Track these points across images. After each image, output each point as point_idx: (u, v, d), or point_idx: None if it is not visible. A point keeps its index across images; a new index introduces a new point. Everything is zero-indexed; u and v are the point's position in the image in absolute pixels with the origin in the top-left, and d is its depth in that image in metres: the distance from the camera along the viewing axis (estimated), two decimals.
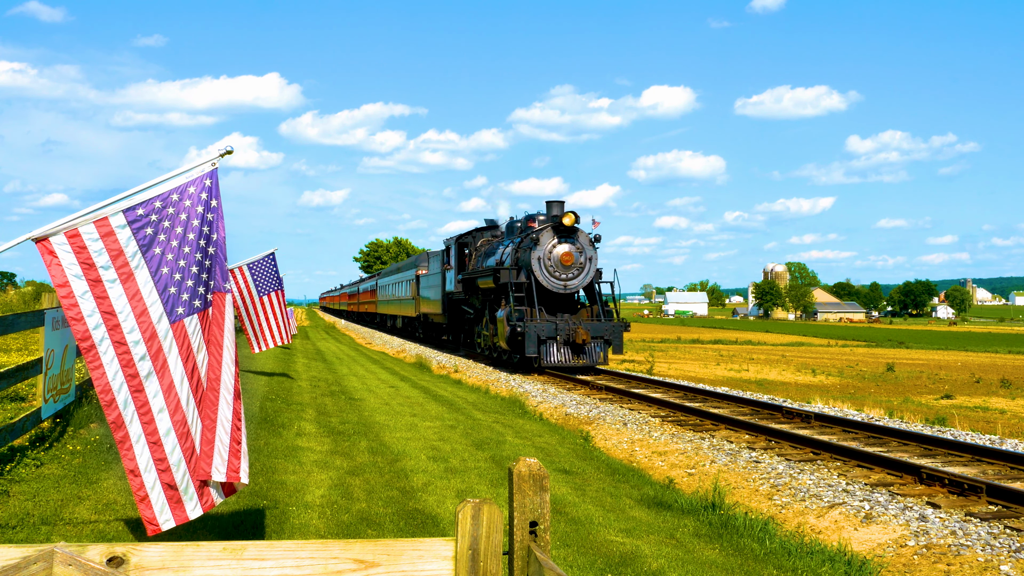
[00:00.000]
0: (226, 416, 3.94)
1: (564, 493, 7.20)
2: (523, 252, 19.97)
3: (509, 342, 19.01)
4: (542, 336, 18.33)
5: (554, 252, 19.48)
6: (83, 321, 3.56)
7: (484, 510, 2.30)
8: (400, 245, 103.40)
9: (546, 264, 19.39)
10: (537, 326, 18.35)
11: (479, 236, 26.09)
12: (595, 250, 19.91)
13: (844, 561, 5.81)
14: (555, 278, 19.52)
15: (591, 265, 19.82)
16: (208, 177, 4.00)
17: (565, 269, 19.51)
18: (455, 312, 27.13)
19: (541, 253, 19.35)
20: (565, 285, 19.65)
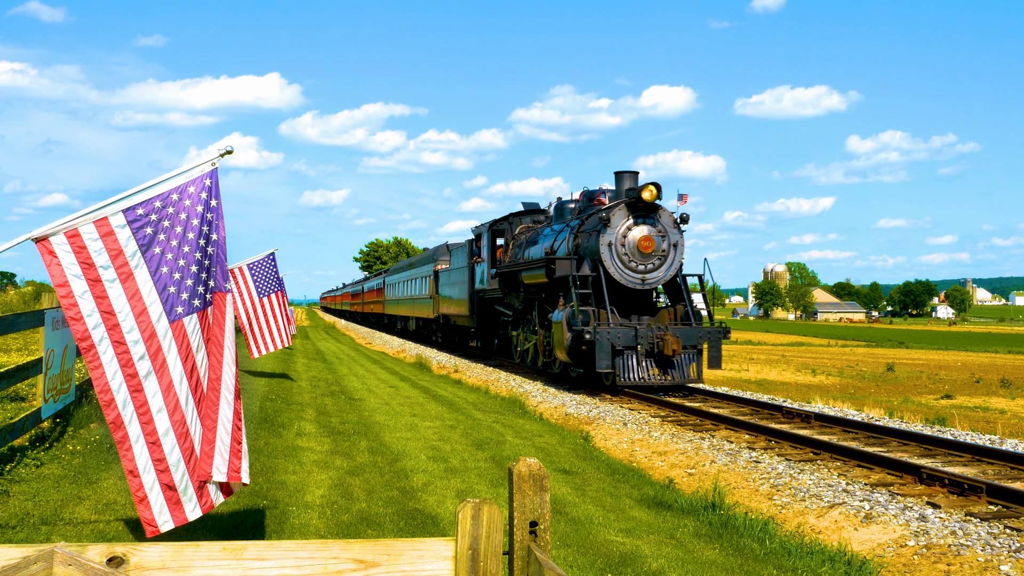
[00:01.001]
0: (227, 416, 3.94)
1: (564, 493, 7.20)
2: (586, 237, 15.76)
3: (571, 352, 14.84)
4: (617, 345, 14.00)
5: (629, 237, 15.08)
6: (82, 321, 3.56)
7: (484, 510, 2.30)
8: (400, 245, 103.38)
9: (618, 252, 15.03)
10: (611, 332, 14.01)
11: (517, 222, 21.75)
12: (681, 234, 15.45)
13: (844, 561, 5.81)
14: (630, 270, 15.14)
15: (676, 253, 15.44)
16: (208, 177, 4.00)
17: (643, 258, 15.13)
18: (487, 313, 23.07)
19: (612, 238, 14.95)
20: (643, 279, 15.24)
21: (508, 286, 20.41)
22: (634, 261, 15.20)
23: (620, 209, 15.19)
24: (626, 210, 15.22)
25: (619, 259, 15.13)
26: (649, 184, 14.79)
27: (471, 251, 23.85)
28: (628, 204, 15.22)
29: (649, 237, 15.21)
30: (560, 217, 18.65)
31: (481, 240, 22.71)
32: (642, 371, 14.19)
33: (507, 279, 20.33)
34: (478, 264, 22.97)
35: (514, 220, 21.95)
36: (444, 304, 27.89)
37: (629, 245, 15.18)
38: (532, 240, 19.30)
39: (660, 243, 15.31)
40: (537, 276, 17.23)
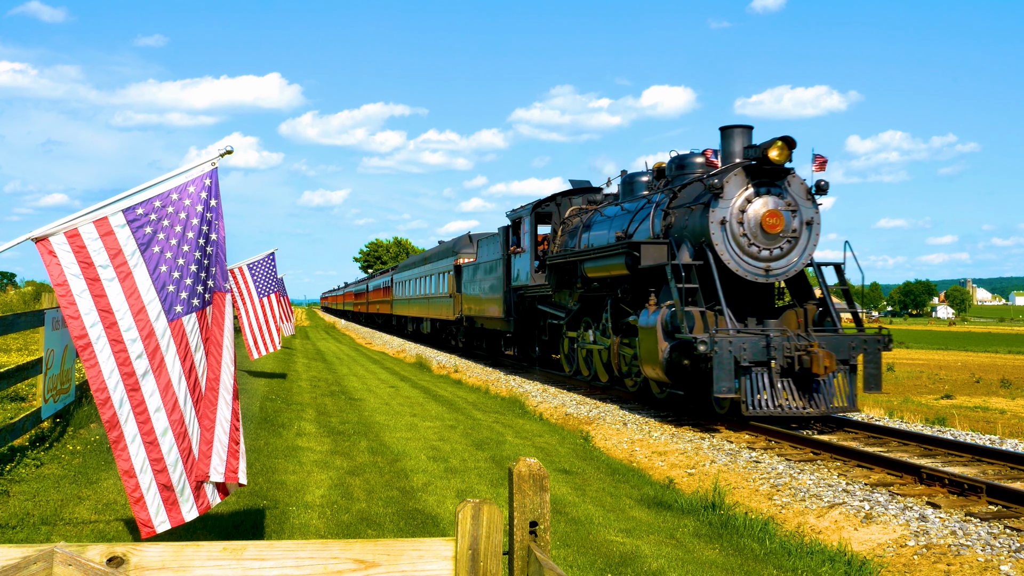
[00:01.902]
0: (225, 416, 3.94)
1: (564, 493, 7.20)
2: (683, 214, 12.12)
3: (669, 369, 11.18)
4: (743, 360, 10.17)
5: (750, 211, 11.29)
6: (80, 319, 3.55)
7: (484, 510, 2.30)
8: (400, 245, 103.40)
9: (734, 232, 11.27)
10: (735, 342, 10.20)
11: (565, 203, 17.93)
12: (816, 209, 11.68)
13: (844, 561, 5.81)
14: (750, 256, 11.34)
15: (810, 234, 11.60)
16: (208, 177, 4.00)
17: (768, 240, 11.37)
18: (527, 315, 19.21)
19: (727, 213, 11.24)
20: (767, 268, 11.44)
21: (560, 281, 16.62)
22: (755, 244, 11.35)
23: (736, 174, 11.33)
24: (744, 175, 11.35)
25: (734, 242, 11.30)
26: (779, 139, 10.90)
27: (506, 240, 19.93)
28: (747, 169, 11.34)
29: (776, 212, 11.32)
30: (630, 193, 14.99)
31: (521, 226, 18.72)
32: (778, 396, 10.26)
33: (559, 273, 16.56)
34: (517, 256, 19.05)
35: (562, 201, 17.95)
36: (468, 304, 23.92)
37: (749, 223, 11.29)
38: (589, 224, 15.68)
39: (790, 220, 11.46)
40: (610, 267, 13.50)
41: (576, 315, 16.18)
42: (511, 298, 19.71)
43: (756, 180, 11.38)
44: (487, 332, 23.90)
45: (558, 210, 17.92)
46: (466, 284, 24.30)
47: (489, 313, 21.59)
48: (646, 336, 11.63)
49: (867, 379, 10.86)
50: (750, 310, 11.82)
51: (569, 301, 16.50)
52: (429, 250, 34.91)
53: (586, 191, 18.16)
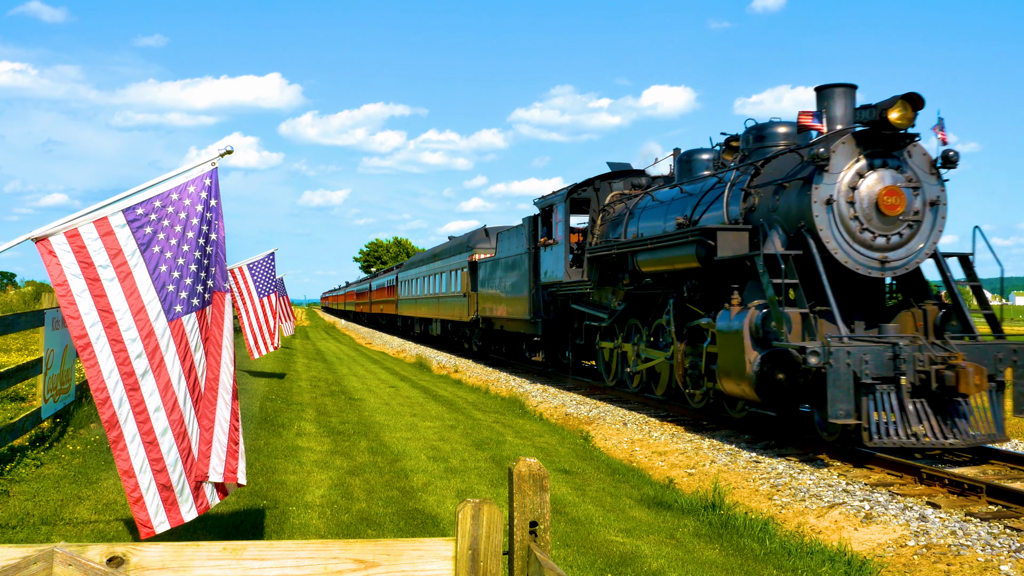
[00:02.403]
0: (224, 416, 3.94)
1: (564, 493, 7.20)
2: (773, 193, 10.02)
3: (760, 385, 9.04)
4: (864, 375, 8.08)
5: (862, 188, 9.19)
6: (80, 319, 3.56)
7: (484, 510, 2.30)
8: (400, 245, 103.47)
9: (842, 215, 9.15)
10: (854, 352, 8.13)
11: (605, 188, 15.86)
12: (942, 187, 9.55)
13: (844, 561, 5.81)
14: (861, 244, 9.25)
15: (935, 218, 9.54)
16: (208, 177, 4.00)
17: (885, 224, 9.24)
18: (559, 316, 17.05)
19: (833, 190, 9.13)
20: (883, 259, 9.32)
21: (602, 277, 14.48)
22: (869, 230, 9.19)
23: (845, 142, 9.22)
24: (853, 143, 9.22)
25: (843, 226, 9.14)
26: (901, 97, 8.81)
27: (533, 232, 17.82)
28: (857, 136, 9.23)
29: (895, 189, 9.15)
30: (688, 174, 12.97)
31: (553, 215, 16.47)
32: (910, 421, 8.13)
33: (602, 267, 14.40)
34: (547, 249, 16.83)
35: (601, 186, 15.81)
36: (486, 303, 21.56)
37: (861, 203, 9.16)
38: (637, 211, 13.69)
39: (911, 200, 9.26)
40: (674, 260, 11.36)
41: (621, 316, 13.99)
42: (539, 297, 17.44)
43: (869, 149, 9.20)
44: (508, 335, 21.59)
45: (596, 196, 15.63)
46: (483, 282, 21.97)
47: (511, 314, 19.23)
48: (728, 343, 9.46)
49: (1018, 399, 8.63)
50: (857, 311, 9.61)
51: (612, 300, 14.30)
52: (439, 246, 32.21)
53: (629, 174, 15.98)
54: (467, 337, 26.30)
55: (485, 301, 21.73)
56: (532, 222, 17.92)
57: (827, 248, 9.18)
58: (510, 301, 19.34)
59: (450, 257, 27.65)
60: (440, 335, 30.41)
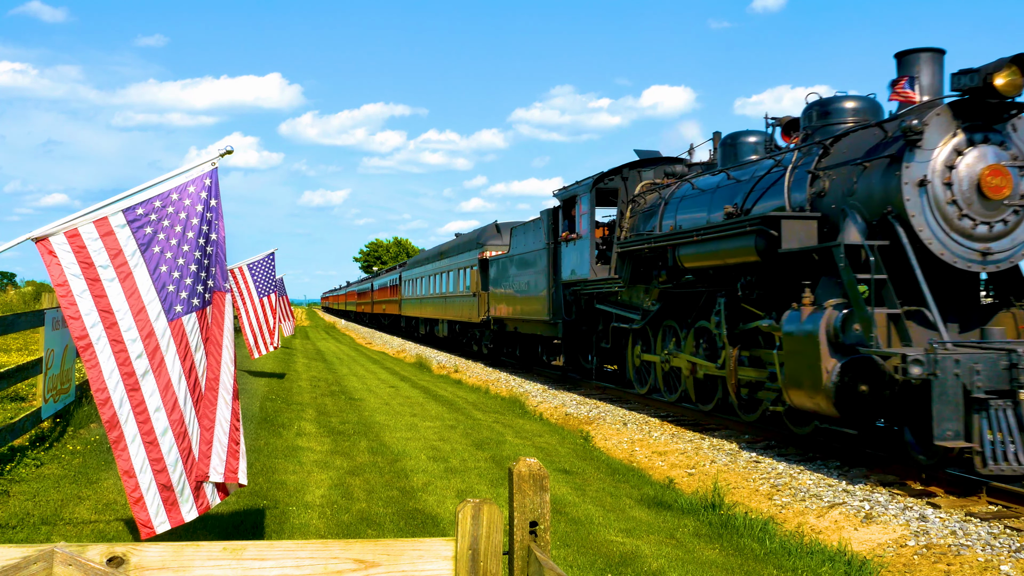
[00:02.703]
0: (224, 416, 3.94)
1: (564, 493, 7.20)
2: (849, 175, 8.75)
3: (840, 398, 7.71)
4: (974, 388, 6.90)
5: (960, 168, 8.00)
6: (80, 320, 3.56)
7: (484, 510, 2.30)
8: (400, 245, 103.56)
9: (938, 199, 7.98)
10: (963, 361, 6.94)
11: (634, 177, 14.32)
12: None
13: (844, 561, 5.81)
14: (959, 233, 8.06)
15: None
16: (208, 177, 4.00)
17: (988, 210, 8.08)
18: (582, 317, 15.50)
19: (926, 170, 7.94)
20: (985, 251, 8.16)
21: (634, 274, 13.11)
22: (968, 216, 8.01)
23: (939, 114, 8.01)
24: (950, 115, 8.03)
25: (938, 211, 7.96)
26: (1011, 60, 7.57)
27: (552, 227, 16.38)
28: (954, 106, 8.04)
29: (1000, 169, 7.97)
30: (734, 159, 11.56)
31: (576, 207, 14.97)
32: None
33: (635, 263, 13.04)
34: (569, 244, 15.28)
35: (630, 175, 14.27)
36: (498, 303, 20.12)
37: (960, 184, 7.97)
38: (673, 200, 12.26)
39: (1018, 182, 8.10)
40: (726, 253, 10.01)
41: (655, 317, 12.53)
42: (559, 296, 15.98)
43: (967, 123, 8.01)
44: (523, 337, 19.94)
45: (625, 186, 14.14)
46: (495, 280, 20.46)
47: (527, 314, 17.76)
48: (799, 348, 8.12)
49: None
50: (950, 311, 8.34)
51: (645, 300, 12.85)
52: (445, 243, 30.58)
53: (660, 162, 14.49)
54: (476, 339, 24.80)
55: (497, 301, 20.14)
56: (551, 215, 16.38)
57: (920, 237, 7.89)
58: (526, 301, 17.83)
59: (458, 255, 26.16)
60: (447, 337, 28.81)
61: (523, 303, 18.05)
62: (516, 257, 18.79)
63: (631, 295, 13.41)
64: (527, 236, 18.09)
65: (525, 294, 17.91)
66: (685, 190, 12.27)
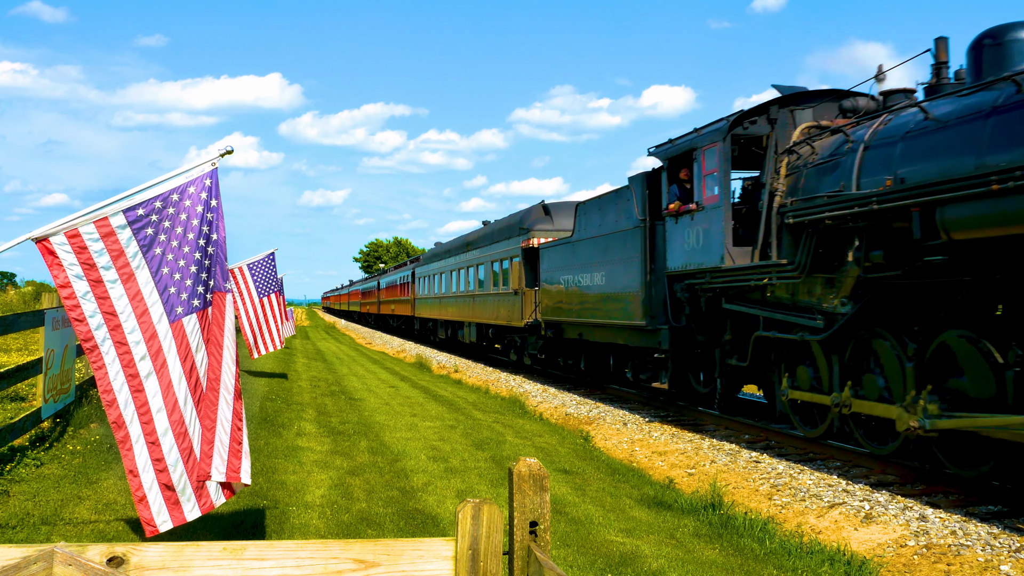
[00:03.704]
0: (226, 416, 3.94)
1: (564, 493, 7.20)
2: None
3: None
4: None
5: None
6: (85, 322, 3.57)
7: (484, 510, 2.30)
8: (400, 245, 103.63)
9: None
10: None
11: (785, 118, 10.10)
12: None
13: (844, 561, 5.81)
14: None
15: None
16: (208, 177, 4.00)
17: None
18: (700, 322, 11.37)
19: None
20: None
21: (816, 259, 8.77)
22: None
23: None
24: None
25: None
26: None
27: (649, 196, 12.27)
28: None
29: None
30: (997, 69, 7.41)
31: (696, 165, 10.91)
32: None
33: (820, 242, 8.72)
34: (682, 219, 11.16)
35: (780, 115, 10.04)
36: (554, 302, 16.16)
37: None
38: (881, 143, 8.12)
39: None
40: None
41: (847, 325, 8.42)
42: (660, 293, 11.93)
43: None
44: (593, 347, 15.63)
45: (773, 131, 9.97)
46: (549, 274, 16.56)
47: (605, 317, 13.69)
48: None
49: None
50: None
51: (828, 298, 8.68)
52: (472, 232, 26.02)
53: (826, 95, 10.22)
54: (518, 346, 20.07)
55: (553, 299, 16.25)
56: (646, 183, 12.36)
57: None
58: (604, 300, 13.72)
59: (491, 245, 21.92)
60: (476, 343, 24.13)
61: (598, 302, 14.00)
62: (584, 242, 14.68)
63: (800, 290, 9.22)
64: (602, 214, 13.98)
65: (602, 291, 13.84)
66: (906, 124, 7.93)
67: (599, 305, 14.03)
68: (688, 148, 11.15)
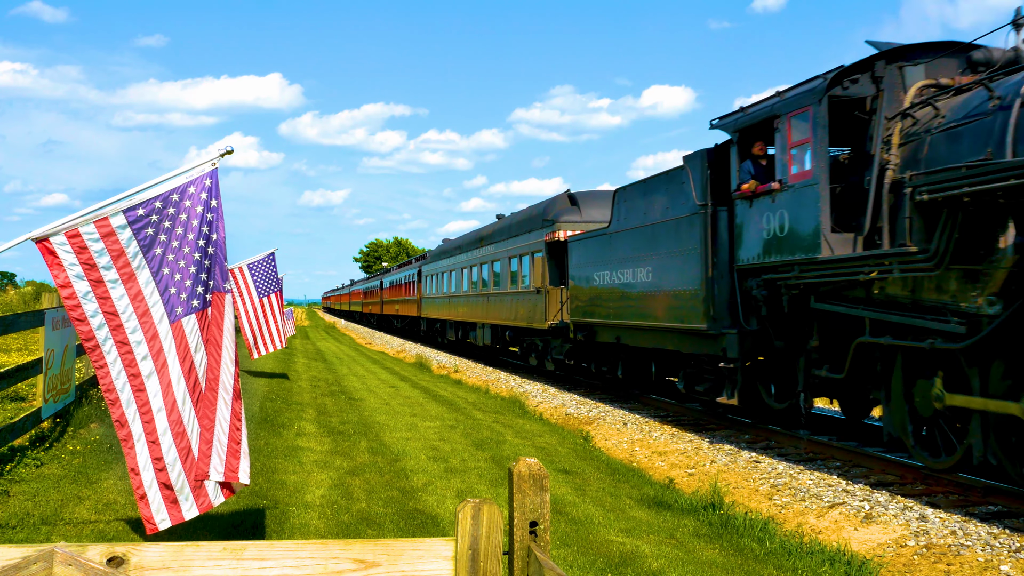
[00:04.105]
0: (224, 416, 3.95)
1: (564, 493, 7.20)
2: None
3: None
4: None
5: None
6: (86, 321, 3.58)
7: (484, 510, 2.30)
8: (400, 245, 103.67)
9: None
10: None
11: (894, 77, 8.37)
12: None
13: (844, 561, 5.81)
14: None
15: None
16: (208, 177, 4.00)
17: None
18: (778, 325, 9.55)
19: None
20: None
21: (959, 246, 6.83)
22: None
23: None
24: None
25: None
26: None
27: (708, 175, 10.52)
28: None
29: None
30: None
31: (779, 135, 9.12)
32: None
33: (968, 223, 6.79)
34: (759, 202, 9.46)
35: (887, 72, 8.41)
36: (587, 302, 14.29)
37: None
38: None
39: None
40: None
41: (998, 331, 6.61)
42: (724, 291, 10.21)
43: None
44: (634, 352, 13.52)
45: (878, 92, 8.40)
46: (580, 270, 14.64)
47: (653, 318, 11.75)
48: None
49: None
50: None
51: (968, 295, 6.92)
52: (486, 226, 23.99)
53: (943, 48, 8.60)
54: (539, 350, 18.26)
55: (584, 298, 14.38)
56: (708, 160, 10.54)
57: None
58: (650, 299, 11.85)
59: (509, 239, 20.18)
60: (490, 346, 22.28)
61: (642, 302, 12.12)
62: (624, 234, 12.80)
63: (924, 286, 7.44)
64: (648, 201, 12.02)
65: (647, 289, 11.94)
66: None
67: (643, 305, 12.08)
68: (767, 116, 9.31)
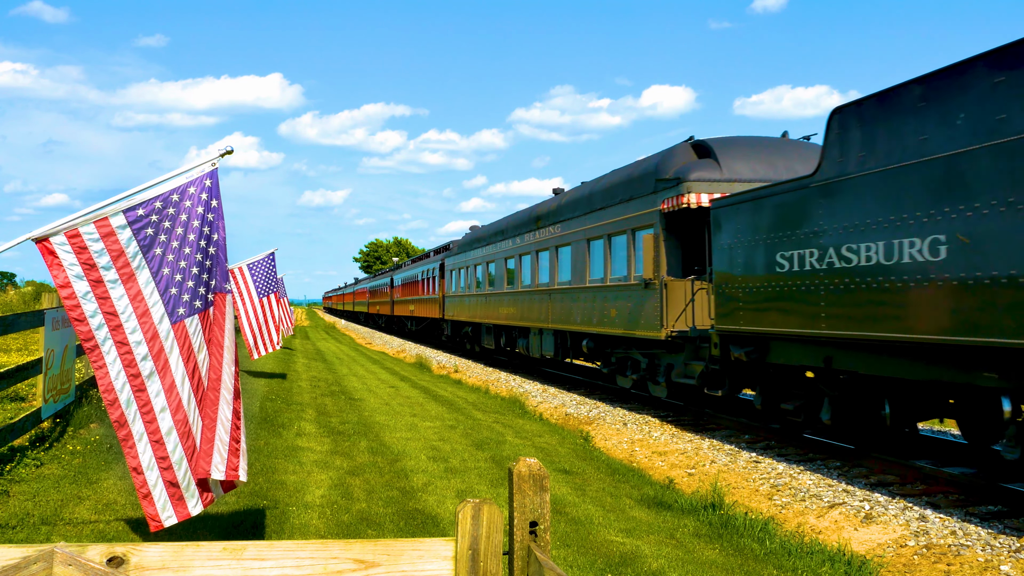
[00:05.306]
0: (226, 415, 3.95)
1: (564, 493, 7.20)
2: None
3: None
4: None
5: None
6: (86, 322, 3.58)
7: (484, 510, 2.30)
8: (400, 245, 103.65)
9: None
10: None
11: None
12: None
13: (844, 561, 5.81)
14: None
15: None
16: (208, 177, 4.00)
17: None
18: None
19: None
20: None
21: None
22: None
23: None
24: None
25: None
26: None
27: None
28: None
29: None
30: None
31: None
32: None
33: None
34: None
35: None
36: (752, 298, 9.31)
37: None
38: None
39: None
40: None
41: None
42: None
43: None
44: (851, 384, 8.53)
45: None
46: (745, 249, 9.53)
47: (930, 326, 6.72)
48: None
49: None
50: None
51: None
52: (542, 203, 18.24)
53: None
54: (645, 368, 12.80)
55: (750, 294, 9.43)
56: None
57: None
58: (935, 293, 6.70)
59: (588, 215, 14.72)
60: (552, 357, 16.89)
61: (911, 296, 6.95)
62: (869, 180, 7.45)
63: None
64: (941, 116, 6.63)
65: (940, 274, 6.63)
66: None
67: (909, 303, 7.00)
68: None
